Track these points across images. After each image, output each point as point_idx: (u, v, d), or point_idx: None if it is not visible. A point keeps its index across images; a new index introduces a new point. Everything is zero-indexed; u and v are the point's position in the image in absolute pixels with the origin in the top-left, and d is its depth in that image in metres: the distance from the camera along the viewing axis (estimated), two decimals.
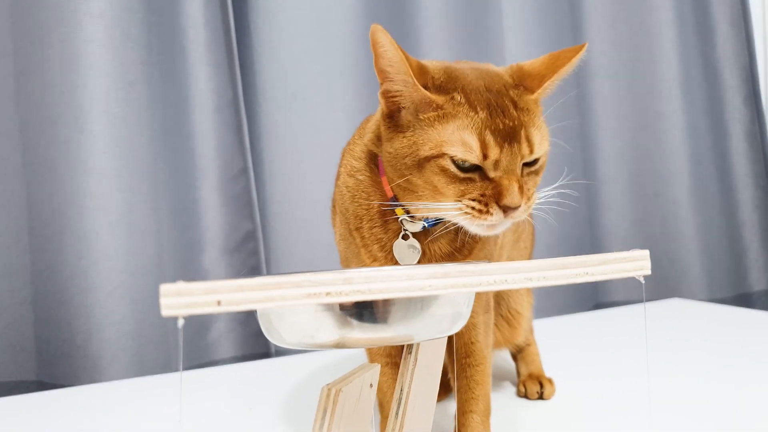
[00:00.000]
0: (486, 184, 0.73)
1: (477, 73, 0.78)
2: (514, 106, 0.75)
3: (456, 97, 0.74)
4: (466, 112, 0.73)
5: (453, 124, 0.73)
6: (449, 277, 0.43)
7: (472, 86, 0.76)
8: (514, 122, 0.74)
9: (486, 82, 0.77)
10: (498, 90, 0.76)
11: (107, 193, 1.47)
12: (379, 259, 0.85)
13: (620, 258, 0.48)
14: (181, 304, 0.38)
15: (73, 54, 1.44)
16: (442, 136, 0.73)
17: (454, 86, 0.76)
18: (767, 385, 1.10)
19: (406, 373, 0.62)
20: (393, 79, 0.76)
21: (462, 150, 0.72)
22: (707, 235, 2.08)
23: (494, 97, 0.75)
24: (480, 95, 0.75)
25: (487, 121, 0.73)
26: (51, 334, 1.48)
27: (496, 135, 0.72)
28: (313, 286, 0.40)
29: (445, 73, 0.77)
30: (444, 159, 0.73)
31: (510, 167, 0.73)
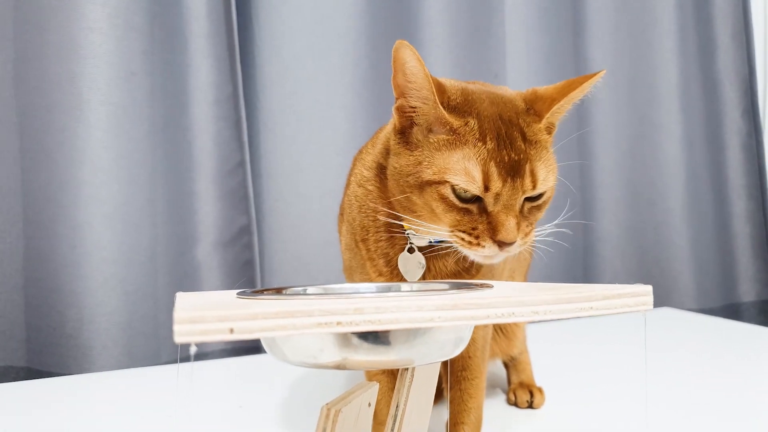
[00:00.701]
0: (483, 218, 0.73)
1: (491, 99, 0.78)
2: (522, 138, 0.75)
3: (470, 122, 0.74)
4: (474, 141, 0.73)
5: (460, 151, 0.73)
6: (458, 309, 0.44)
7: (486, 113, 0.75)
8: (520, 156, 0.73)
9: (500, 109, 0.76)
10: (509, 119, 0.76)
11: (103, 184, 1.46)
12: (384, 274, 0.85)
13: (624, 293, 0.49)
14: (194, 331, 0.38)
15: (74, 41, 1.43)
16: (447, 163, 0.73)
17: (469, 110, 0.75)
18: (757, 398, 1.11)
19: (403, 389, 0.63)
20: (411, 95, 0.76)
21: (464, 180, 0.72)
22: (699, 245, 2.10)
23: (505, 127, 0.75)
24: (492, 123, 0.74)
25: (493, 152, 0.73)
26: (42, 322, 1.47)
27: (500, 168, 0.72)
28: (324, 316, 0.41)
29: (462, 94, 0.77)
30: (445, 186, 0.73)
31: (509, 202, 0.73)
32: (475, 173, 0.72)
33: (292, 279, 1.77)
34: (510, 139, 0.74)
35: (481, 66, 1.87)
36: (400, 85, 0.76)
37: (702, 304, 2.07)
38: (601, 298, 0.48)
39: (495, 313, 0.45)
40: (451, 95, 0.77)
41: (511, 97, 0.80)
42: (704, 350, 1.49)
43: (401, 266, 0.83)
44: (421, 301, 0.43)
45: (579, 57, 2.05)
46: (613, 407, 1.09)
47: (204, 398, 1.20)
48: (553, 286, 0.57)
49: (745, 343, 1.57)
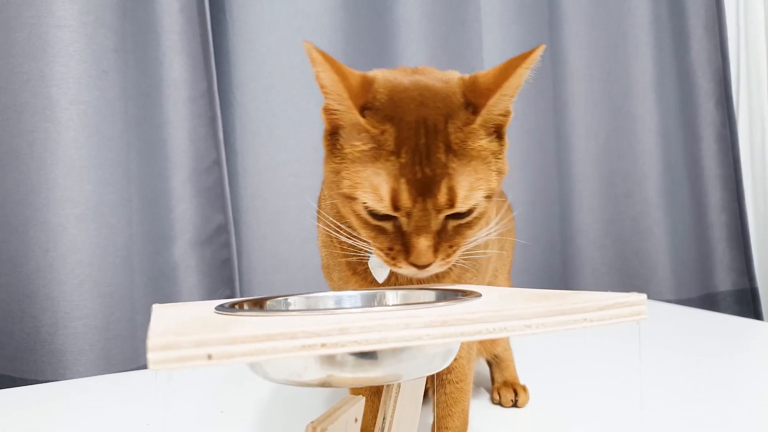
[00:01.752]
0: (398, 238, 0.68)
1: (422, 98, 0.69)
2: (445, 148, 0.67)
3: (387, 131, 0.67)
4: (387, 155, 0.66)
5: (372, 166, 0.67)
6: (447, 326, 0.42)
7: (409, 118, 0.67)
8: (436, 171, 0.66)
9: (427, 112, 0.68)
10: (435, 124, 0.67)
11: (76, 185, 1.42)
12: (358, 272, 0.81)
13: (618, 303, 0.48)
14: (169, 358, 0.36)
15: (42, 40, 1.38)
16: (359, 177, 0.67)
17: (391, 115, 0.68)
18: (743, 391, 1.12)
19: (389, 401, 0.61)
20: (330, 98, 0.70)
21: (373, 198, 0.67)
22: (676, 235, 2.11)
23: (426, 136, 0.67)
24: (411, 132, 0.67)
25: (406, 167, 0.66)
26: (15, 327, 1.44)
27: (411, 185, 0.66)
28: (308, 338, 0.39)
29: (389, 94, 0.69)
30: (356, 203, 0.68)
31: (421, 223, 0.67)
32: (383, 191, 0.66)
33: (271, 277, 1.75)
34: (428, 152, 0.66)
35: (458, 60, 1.86)
36: (321, 85, 0.70)
37: (680, 294, 2.09)
38: (596, 309, 0.47)
39: (486, 329, 0.43)
40: (378, 94, 0.69)
41: (447, 93, 0.71)
42: (685, 343, 1.49)
43: (371, 264, 0.79)
44: (409, 319, 0.42)
45: (555, 50, 2.05)
46: (598, 403, 1.10)
47: (184, 404, 1.18)
48: (542, 293, 0.56)
49: (725, 335, 1.58)
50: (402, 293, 0.70)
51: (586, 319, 0.47)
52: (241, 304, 0.59)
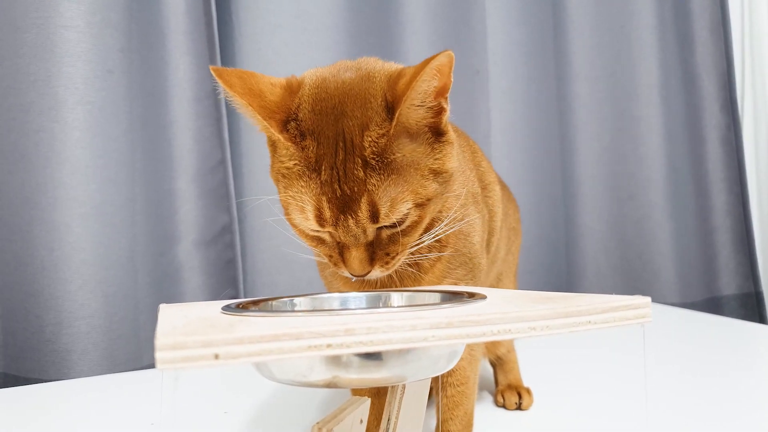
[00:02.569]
0: (334, 246, 0.70)
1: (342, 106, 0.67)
2: (362, 163, 0.65)
3: (309, 147, 0.66)
4: (309, 172, 0.66)
5: (296, 184, 0.67)
6: (452, 327, 0.42)
7: (329, 132, 0.66)
8: (353, 188, 0.65)
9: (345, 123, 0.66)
10: (351, 137, 0.65)
11: (81, 184, 1.43)
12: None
13: (622, 306, 0.48)
14: (176, 358, 0.36)
15: (49, 40, 1.39)
16: (287, 195, 0.68)
17: (312, 128, 0.66)
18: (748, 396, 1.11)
19: (394, 402, 0.61)
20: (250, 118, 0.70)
21: (300, 218, 0.68)
22: (680, 238, 2.11)
23: (343, 151, 0.65)
24: (330, 146, 0.65)
25: (325, 186, 0.65)
26: (19, 327, 1.44)
27: (332, 204, 0.65)
28: (314, 338, 0.39)
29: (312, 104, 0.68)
30: (290, 217, 0.70)
31: (347, 239, 0.67)
32: (308, 210, 0.66)
33: (275, 278, 1.75)
34: (344, 168, 0.65)
35: (462, 61, 1.86)
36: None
37: (684, 297, 2.08)
38: (600, 311, 0.47)
39: (491, 330, 0.43)
40: (302, 104, 0.68)
41: (367, 97, 0.68)
42: (690, 347, 1.49)
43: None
44: (414, 320, 0.42)
45: (559, 51, 2.05)
46: (603, 406, 1.09)
47: (187, 403, 1.18)
48: (547, 295, 0.56)
49: (730, 339, 1.58)
50: (407, 295, 0.70)
51: (590, 321, 0.47)
52: (247, 304, 0.60)
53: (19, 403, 1.21)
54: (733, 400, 1.09)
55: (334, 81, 0.70)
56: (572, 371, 1.33)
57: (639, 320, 0.48)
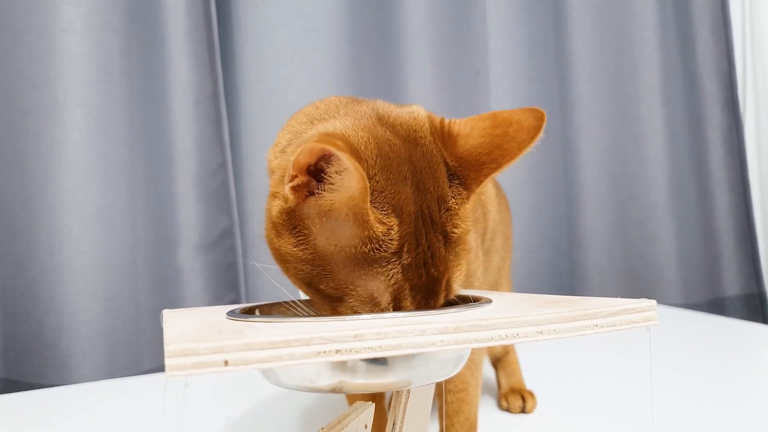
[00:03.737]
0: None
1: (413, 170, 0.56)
2: (444, 240, 0.56)
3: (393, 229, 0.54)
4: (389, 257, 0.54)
5: (368, 269, 0.53)
6: (461, 332, 0.42)
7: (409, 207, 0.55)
8: (439, 269, 0.56)
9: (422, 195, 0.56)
10: (431, 212, 0.56)
11: (81, 188, 1.43)
12: None
13: (628, 309, 0.47)
14: (186, 364, 0.36)
15: (49, 43, 1.39)
16: (351, 280, 0.54)
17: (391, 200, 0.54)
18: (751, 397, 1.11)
19: (399, 407, 0.61)
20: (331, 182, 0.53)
21: (368, 308, 0.54)
22: (683, 239, 2.10)
23: (426, 228, 0.55)
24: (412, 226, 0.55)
25: (409, 271, 0.54)
26: (19, 331, 1.44)
27: (415, 292, 0.55)
28: (323, 344, 0.39)
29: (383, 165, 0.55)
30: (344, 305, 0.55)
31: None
32: (383, 300, 0.54)
33: (277, 281, 1.74)
34: (430, 247, 0.55)
35: (463, 61, 1.85)
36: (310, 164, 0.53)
37: (687, 299, 2.08)
38: (606, 315, 0.47)
39: (499, 335, 0.43)
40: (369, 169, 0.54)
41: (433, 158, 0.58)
42: (693, 348, 1.49)
43: None
44: (423, 325, 0.42)
45: (561, 51, 2.04)
46: (607, 408, 1.09)
47: (189, 409, 1.17)
48: (552, 299, 0.55)
49: (733, 340, 1.57)
50: None
51: (597, 325, 0.46)
52: (253, 309, 0.59)
53: (20, 409, 1.20)
54: (737, 401, 1.09)
55: (386, 143, 0.57)
56: (574, 374, 1.33)
57: (645, 323, 0.48)
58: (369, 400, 0.73)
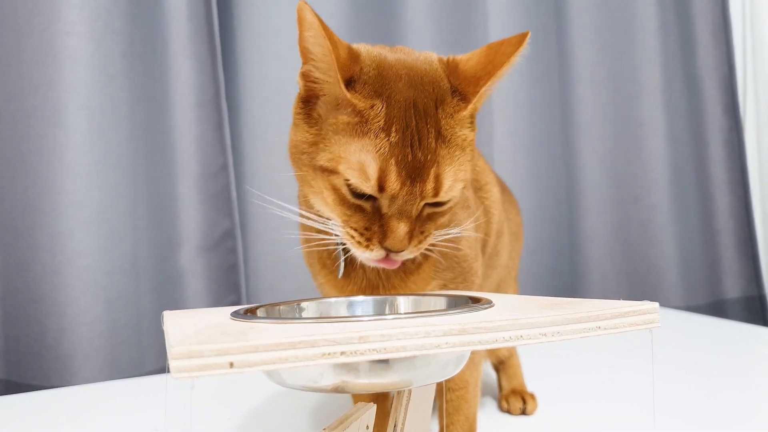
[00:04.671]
0: (375, 219, 0.66)
1: (411, 78, 0.68)
2: (436, 134, 0.66)
3: (376, 107, 0.65)
4: (377, 131, 0.64)
5: (359, 142, 0.64)
6: (466, 334, 0.42)
7: (399, 97, 0.65)
8: (427, 156, 0.64)
9: (417, 93, 0.66)
10: (425, 108, 0.66)
11: (83, 190, 1.43)
12: (327, 266, 0.80)
13: (631, 311, 0.48)
14: (192, 366, 0.36)
15: (51, 45, 1.39)
16: (344, 152, 0.64)
17: (380, 90, 0.66)
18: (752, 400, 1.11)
19: (400, 408, 0.61)
20: (316, 66, 0.67)
21: (357, 176, 0.64)
22: (684, 241, 2.11)
23: (417, 118, 0.65)
24: (402, 111, 0.65)
25: (396, 147, 0.63)
26: (21, 333, 1.44)
27: (401, 167, 0.63)
28: (328, 345, 0.39)
29: (377, 68, 0.67)
30: (338, 177, 0.65)
31: (405, 207, 0.65)
32: (370, 170, 0.63)
33: (278, 282, 1.75)
34: (419, 135, 0.65)
35: None
36: (306, 49, 0.68)
37: (689, 301, 2.08)
38: (609, 317, 0.47)
39: (503, 337, 0.43)
40: (364, 67, 0.67)
41: (434, 76, 0.69)
42: (694, 350, 1.49)
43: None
44: (428, 327, 0.42)
45: (562, 54, 2.05)
46: (607, 410, 1.09)
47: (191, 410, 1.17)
48: (555, 301, 0.56)
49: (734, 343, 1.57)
50: (413, 299, 0.70)
51: (600, 327, 0.47)
52: (255, 310, 0.59)
53: (21, 410, 1.20)
54: (738, 404, 1.09)
55: (392, 56, 0.71)
56: (575, 375, 1.33)
57: (648, 325, 0.48)
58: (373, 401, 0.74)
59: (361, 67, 0.67)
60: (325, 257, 0.79)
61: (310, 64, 0.68)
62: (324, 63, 0.66)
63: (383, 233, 0.65)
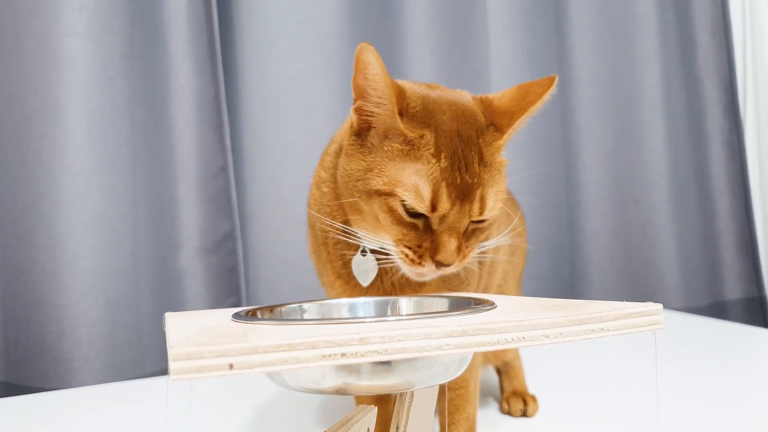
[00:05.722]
0: (426, 236, 0.72)
1: (453, 111, 0.75)
2: (479, 159, 0.73)
3: (426, 136, 0.72)
4: (428, 157, 0.71)
5: (413, 166, 0.71)
6: (467, 336, 0.42)
7: (445, 127, 0.73)
8: (474, 180, 0.72)
9: (459, 124, 0.74)
10: (468, 137, 0.73)
11: (83, 191, 1.42)
12: (342, 276, 0.84)
13: (635, 313, 0.47)
14: (191, 368, 0.36)
15: (51, 47, 1.39)
16: (399, 176, 0.71)
17: (427, 122, 0.73)
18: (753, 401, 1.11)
19: (402, 411, 0.61)
20: (371, 100, 0.74)
21: (413, 197, 0.70)
22: (684, 242, 2.10)
23: (462, 146, 0.72)
24: (449, 140, 0.72)
25: (446, 172, 0.70)
26: (20, 335, 1.43)
27: (451, 189, 0.70)
28: (329, 347, 0.39)
29: (422, 103, 0.74)
30: (394, 199, 0.71)
31: (455, 224, 0.72)
32: (424, 192, 0.70)
33: (278, 284, 1.75)
34: (465, 160, 0.72)
35: (464, 66, 1.86)
36: (360, 86, 0.74)
37: (689, 302, 2.08)
38: (613, 318, 0.47)
39: (505, 339, 0.43)
40: (410, 103, 0.74)
41: (472, 110, 0.77)
42: (695, 352, 1.49)
43: (354, 269, 0.81)
44: (429, 329, 0.41)
45: (562, 55, 2.05)
46: (608, 412, 1.09)
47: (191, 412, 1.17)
48: (557, 303, 0.55)
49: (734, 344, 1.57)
50: (415, 300, 0.70)
51: (603, 329, 0.46)
52: (255, 312, 0.59)
53: (21, 413, 1.20)
54: (739, 405, 1.09)
55: (433, 92, 0.79)
56: (577, 377, 1.33)
57: (651, 327, 0.48)
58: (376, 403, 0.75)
59: (407, 103, 0.74)
60: (340, 268, 0.83)
61: (366, 100, 0.75)
62: (381, 97, 0.72)
63: (434, 248, 0.71)
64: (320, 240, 0.85)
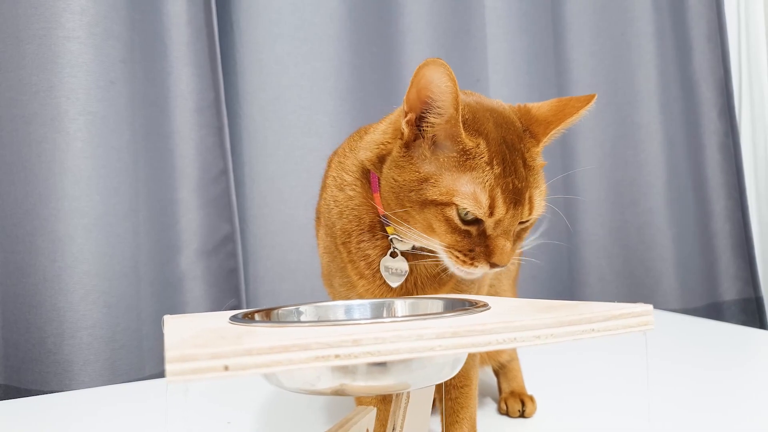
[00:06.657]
0: (480, 240, 0.74)
1: (495, 119, 0.77)
2: (523, 164, 0.76)
3: (481, 145, 0.74)
4: (483, 166, 0.73)
5: (469, 175, 0.73)
6: (458, 337, 0.43)
7: (493, 135, 0.75)
8: (522, 183, 0.75)
9: (503, 132, 0.76)
10: (512, 142, 0.76)
11: (84, 195, 1.43)
12: (365, 276, 0.84)
13: (625, 314, 0.48)
14: (186, 370, 0.37)
15: (51, 51, 1.40)
16: (456, 185, 0.73)
17: (478, 130, 0.75)
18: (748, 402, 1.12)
19: (399, 411, 0.62)
20: (432, 111, 0.74)
21: (472, 204, 0.72)
22: (681, 244, 2.11)
23: (509, 152, 0.75)
24: (498, 147, 0.74)
25: (500, 178, 0.73)
26: (20, 338, 1.44)
27: (505, 194, 0.73)
28: (322, 349, 0.40)
29: (471, 112, 0.76)
30: (451, 208, 0.73)
31: (508, 228, 0.75)
32: (482, 198, 0.72)
33: (278, 286, 1.76)
34: (514, 165, 0.74)
35: (463, 69, 1.87)
36: (419, 99, 0.74)
37: (686, 303, 2.09)
38: (603, 319, 0.47)
39: (496, 339, 0.44)
40: (464, 113, 0.75)
41: (510, 117, 0.80)
42: (691, 353, 1.49)
43: (383, 271, 0.83)
44: (420, 330, 0.42)
45: (560, 59, 2.06)
46: (605, 413, 1.09)
47: (190, 414, 1.18)
48: (550, 304, 0.56)
49: (731, 345, 1.58)
50: (410, 302, 0.71)
51: (593, 329, 0.47)
52: (253, 314, 0.60)
53: (21, 415, 1.21)
54: (735, 406, 1.10)
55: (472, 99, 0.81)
56: (575, 378, 1.33)
57: (641, 328, 0.49)
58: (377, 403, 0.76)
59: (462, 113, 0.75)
60: (363, 268, 0.85)
61: (422, 112, 0.75)
62: (447, 108, 0.73)
63: (489, 251, 0.74)
64: (339, 240, 0.86)
